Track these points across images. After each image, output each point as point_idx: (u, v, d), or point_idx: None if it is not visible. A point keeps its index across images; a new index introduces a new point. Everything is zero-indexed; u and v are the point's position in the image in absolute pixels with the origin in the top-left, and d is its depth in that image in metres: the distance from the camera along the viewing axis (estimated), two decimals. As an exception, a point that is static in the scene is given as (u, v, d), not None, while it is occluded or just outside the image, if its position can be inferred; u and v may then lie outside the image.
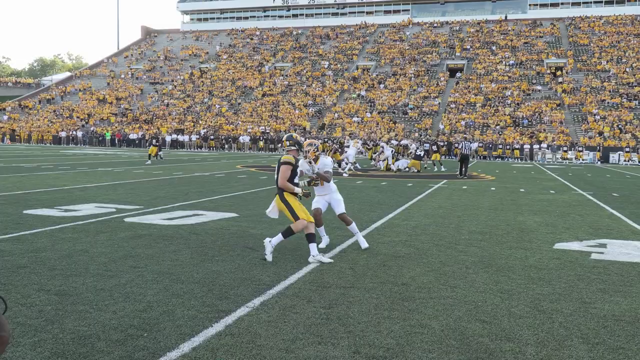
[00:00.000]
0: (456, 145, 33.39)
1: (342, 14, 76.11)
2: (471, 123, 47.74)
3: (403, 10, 74.02)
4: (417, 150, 25.94)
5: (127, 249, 6.61)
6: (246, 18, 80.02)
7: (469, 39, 64.69)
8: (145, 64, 71.98)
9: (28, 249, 6.46)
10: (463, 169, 21.47)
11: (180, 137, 51.14)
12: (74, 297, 4.65)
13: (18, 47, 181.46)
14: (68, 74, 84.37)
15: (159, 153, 28.97)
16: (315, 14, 77.06)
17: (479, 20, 69.01)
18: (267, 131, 50.57)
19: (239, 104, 58.38)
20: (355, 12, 75.54)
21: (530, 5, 69.60)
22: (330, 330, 4.00)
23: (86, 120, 58.34)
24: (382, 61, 62.98)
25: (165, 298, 4.68)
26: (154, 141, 28.67)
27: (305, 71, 63.39)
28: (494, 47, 61.88)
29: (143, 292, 4.83)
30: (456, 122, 48.05)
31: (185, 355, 3.49)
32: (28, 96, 69.08)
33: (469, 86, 54.65)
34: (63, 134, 54.44)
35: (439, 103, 52.57)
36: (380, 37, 69.19)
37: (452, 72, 59.26)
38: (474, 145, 42.14)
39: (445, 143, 42.04)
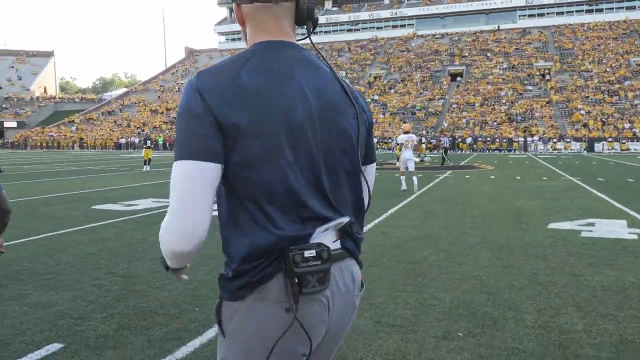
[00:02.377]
0: (440, 139, 33.83)
1: (356, 30, 75.58)
2: (471, 120, 47.04)
3: (408, 25, 73.17)
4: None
5: (179, 237, 6.64)
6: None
7: (467, 47, 63.67)
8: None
9: (96, 239, 6.56)
10: (446, 159, 23.80)
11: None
12: (136, 278, 4.71)
13: (82, 69, 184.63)
14: (125, 89, 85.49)
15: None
16: (333, 31, 76.65)
17: (475, 30, 67.85)
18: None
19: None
20: (367, 28, 74.95)
21: (519, 16, 68.15)
22: (354, 303, 3.97)
23: (142, 129, 59.10)
24: (391, 69, 62.40)
25: (211, 278, 4.70)
26: (148, 142, 21.73)
27: (325, 80, 63.17)
28: (489, 54, 60.81)
29: (193, 273, 4.86)
30: (458, 120, 47.41)
31: (231, 327, 3.50)
32: (92, 110, 70.23)
33: (468, 88, 53.84)
34: (123, 141, 55.29)
35: (443, 104, 51.92)
36: (389, 48, 68.54)
37: (453, 76, 58.39)
38: (469, 140, 41.76)
39: (451, 138, 41.53)
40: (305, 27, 1.29)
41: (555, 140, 40.29)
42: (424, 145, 33.93)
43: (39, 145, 57.47)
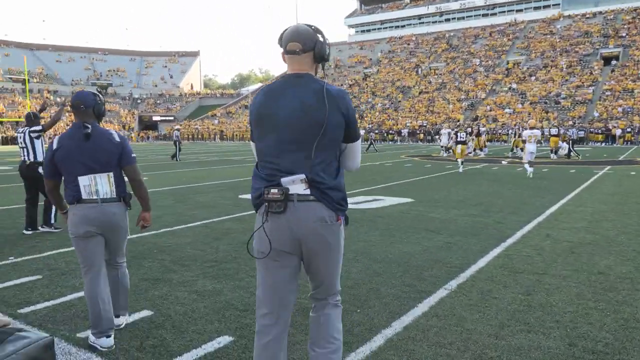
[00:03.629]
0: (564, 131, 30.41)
1: (492, 14, 71.16)
2: (629, 109, 41.66)
3: (553, 5, 66.97)
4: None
5: (325, 230, 6.56)
6: (403, 26, 78.57)
7: (625, 26, 56.46)
8: (319, 72, 74.15)
9: (247, 228, 6.72)
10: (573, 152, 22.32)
11: (350, 132, 51.82)
12: (291, 271, 4.64)
13: (222, 66, 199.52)
14: (260, 84, 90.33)
15: None
16: (467, 17, 73.07)
17: (635, 7, 59.86)
18: (425, 125, 49.22)
19: (399, 101, 57.65)
20: (505, 12, 70.16)
21: (694, -14, 58.65)
22: (536, 319, 3.46)
23: (275, 121, 61.82)
24: (532, 55, 57.69)
25: (367, 276, 4.49)
26: None
27: (457, 69, 60.49)
28: (653, 33, 53.27)
29: (347, 269, 4.69)
30: (612, 109, 42.29)
31: (399, 334, 3.22)
32: (231, 104, 75.36)
33: (626, 73, 47.71)
34: (258, 133, 58.39)
35: (593, 91, 46.70)
36: (530, 32, 63.43)
37: (607, 60, 52.21)
38: (618, 132, 37.09)
39: (606, 129, 37.23)
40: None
41: None
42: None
43: (186, 137, 63.16)
